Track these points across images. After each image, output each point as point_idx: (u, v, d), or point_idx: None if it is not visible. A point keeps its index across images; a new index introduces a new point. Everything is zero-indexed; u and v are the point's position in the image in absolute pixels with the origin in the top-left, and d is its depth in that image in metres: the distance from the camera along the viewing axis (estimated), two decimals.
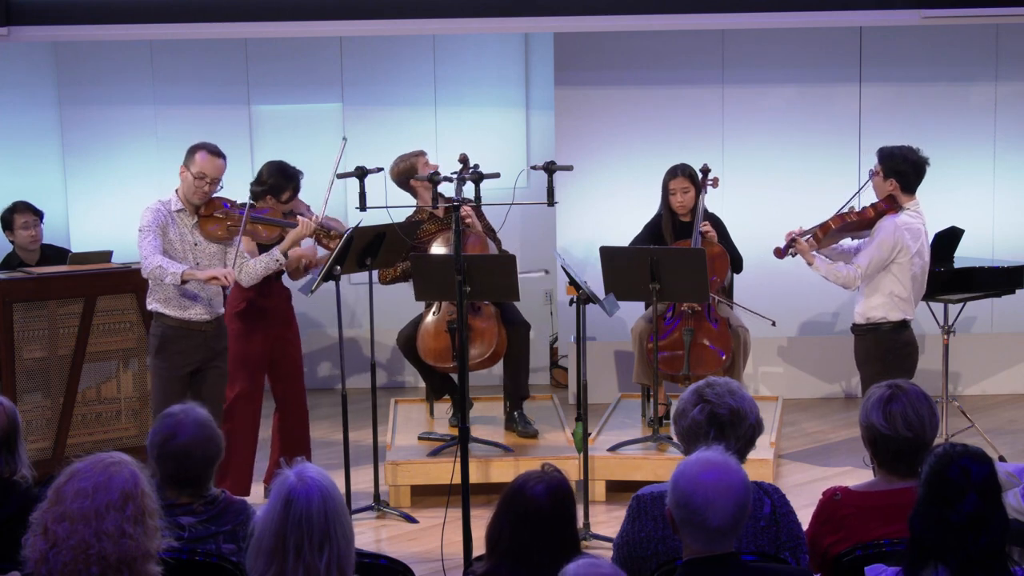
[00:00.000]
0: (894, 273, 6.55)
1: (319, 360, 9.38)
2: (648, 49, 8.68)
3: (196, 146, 6.12)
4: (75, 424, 6.92)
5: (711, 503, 3.20)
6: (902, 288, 6.57)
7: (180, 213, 6.09)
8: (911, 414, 3.75)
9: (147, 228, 5.99)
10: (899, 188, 6.56)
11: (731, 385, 3.83)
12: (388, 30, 8.30)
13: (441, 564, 5.67)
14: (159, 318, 6.12)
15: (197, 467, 3.77)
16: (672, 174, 7.38)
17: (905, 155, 6.57)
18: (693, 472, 3.26)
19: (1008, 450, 7.38)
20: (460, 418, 5.54)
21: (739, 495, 3.24)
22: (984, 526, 3.10)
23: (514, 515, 3.45)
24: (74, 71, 9.13)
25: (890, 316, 6.58)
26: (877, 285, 6.57)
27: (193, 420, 3.81)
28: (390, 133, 9.13)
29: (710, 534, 3.22)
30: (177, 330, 6.09)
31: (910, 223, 6.55)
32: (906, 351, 6.60)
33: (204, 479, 3.80)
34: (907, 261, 6.54)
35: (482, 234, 7.10)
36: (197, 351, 6.13)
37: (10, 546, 3.27)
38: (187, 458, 3.75)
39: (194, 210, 6.12)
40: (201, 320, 6.12)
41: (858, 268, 6.56)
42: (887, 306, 6.57)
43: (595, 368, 8.58)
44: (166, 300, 6.08)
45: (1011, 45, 8.70)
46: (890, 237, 6.51)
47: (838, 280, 6.64)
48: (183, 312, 6.08)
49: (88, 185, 9.14)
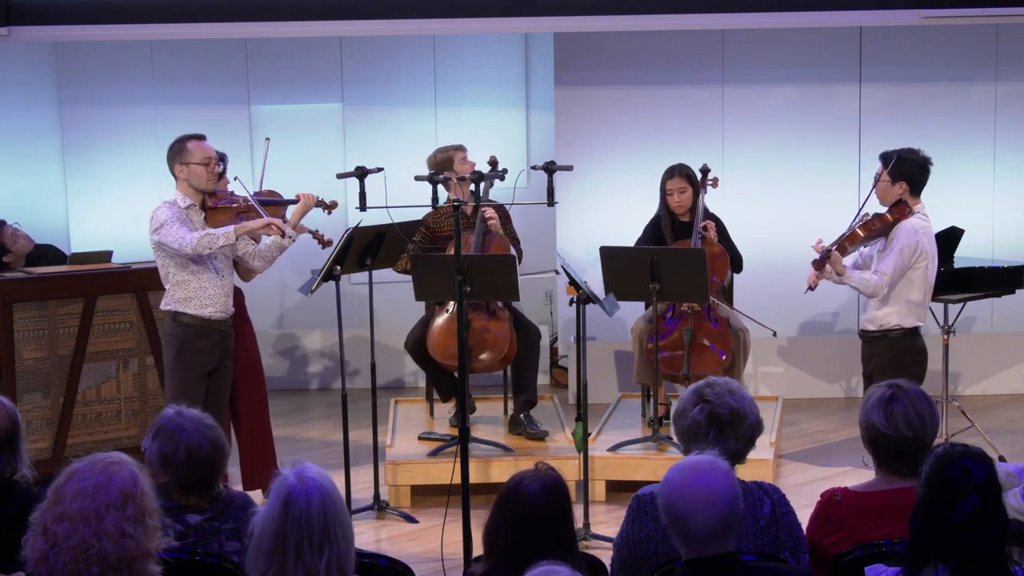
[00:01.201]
0: (911, 279, 6.47)
1: (319, 360, 9.39)
2: (648, 49, 8.68)
3: (181, 140, 6.10)
4: (75, 424, 6.93)
5: (694, 512, 3.20)
6: (919, 294, 6.49)
7: (189, 210, 6.08)
8: (912, 414, 3.75)
9: (168, 221, 5.96)
10: (908, 191, 6.52)
11: (731, 385, 3.82)
12: (388, 30, 8.30)
13: (441, 564, 5.67)
14: (177, 318, 6.08)
15: (206, 470, 3.76)
16: (669, 174, 7.38)
17: (912, 158, 6.51)
18: (679, 480, 3.26)
19: (1008, 450, 7.38)
20: (460, 418, 5.55)
21: (723, 506, 3.22)
22: (984, 526, 3.10)
23: (510, 514, 3.44)
24: (74, 71, 9.13)
25: (904, 323, 6.49)
26: (895, 292, 6.51)
27: (195, 426, 3.79)
28: (390, 133, 9.14)
29: (693, 541, 3.23)
30: (197, 329, 6.07)
31: (925, 227, 6.49)
32: (917, 358, 6.50)
33: (213, 480, 3.80)
34: (924, 266, 6.48)
35: (504, 237, 7.11)
36: (215, 349, 6.13)
37: (10, 546, 3.27)
38: (196, 462, 3.75)
39: (201, 205, 6.11)
40: (219, 318, 6.11)
41: (884, 276, 6.44)
42: (902, 313, 6.49)
43: (595, 368, 8.58)
44: (186, 299, 6.06)
45: (1011, 45, 8.70)
46: (911, 242, 6.42)
47: (867, 290, 6.50)
48: (202, 310, 6.06)
49: (88, 185, 9.14)
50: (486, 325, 6.95)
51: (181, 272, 6.04)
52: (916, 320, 6.53)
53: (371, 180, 6.21)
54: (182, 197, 6.08)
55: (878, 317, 6.53)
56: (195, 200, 6.10)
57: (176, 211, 6.02)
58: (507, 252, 6.95)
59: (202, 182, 6.08)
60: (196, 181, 6.08)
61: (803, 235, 7.60)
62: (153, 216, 6.02)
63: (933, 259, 6.54)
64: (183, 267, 6.03)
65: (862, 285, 6.51)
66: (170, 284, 6.09)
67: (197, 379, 6.07)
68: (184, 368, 6.08)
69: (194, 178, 6.07)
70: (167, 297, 6.12)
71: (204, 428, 3.80)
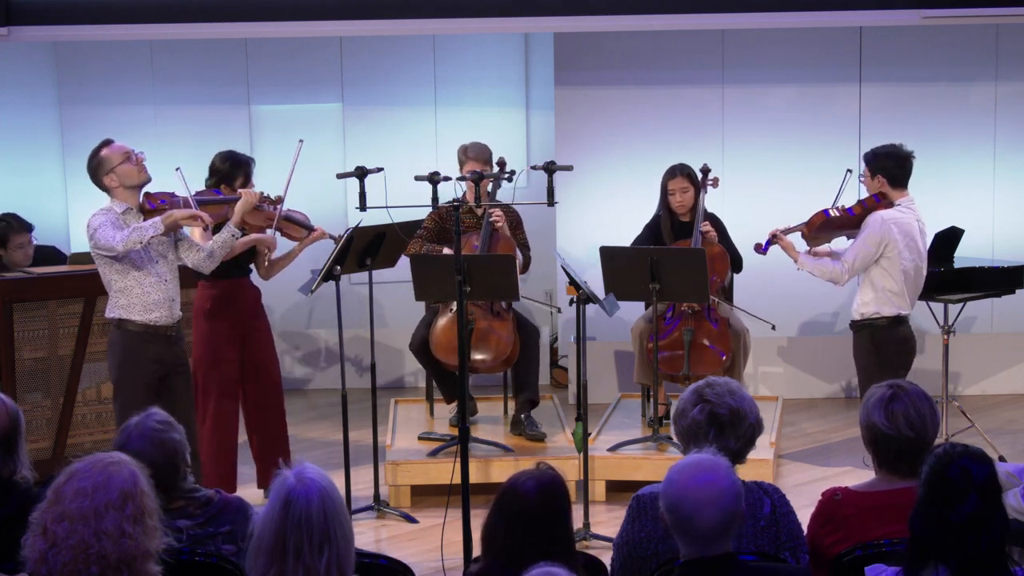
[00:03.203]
0: (883, 267, 6.60)
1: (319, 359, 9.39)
2: (648, 49, 8.68)
3: (93, 155, 5.97)
4: (75, 424, 6.93)
5: (698, 510, 3.20)
6: (893, 283, 6.59)
7: (126, 214, 5.93)
8: (913, 413, 3.75)
9: (101, 226, 5.82)
10: (887, 183, 6.63)
11: (731, 385, 3.83)
12: (388, 30, 8.30)
13: (441, 564, 5.67)
14: (122, 325, 5.94)
15: (154, 477, 3.63)
16: (671, 174, 7.38)
17: (886, 151, 6.69)
18: (682, 477, 3.26)
19: (1008, 450, 7.38)
20: (460, 418, 5.55)
21: (727, 502, 3.23)
22: (984, 527, 3.10)
23: (506, 512, 3.44)
24: (74, 71, 9.13)
25: (883, 311, 6.61)
26: (869, 280, 6.64)
27: (140, 432, 3.73)
28: (390, 133, 9.14)
29: (698, 540, 3.23)
30: (142, 336, 5.94)
31: (899, 218, 6.60)
32: (902, 347, 6.63)
33: (167, 487, 3.69)
34: (895, 255, 6.57)
35: (511, 239, 7.12)
36: (164, 354, 6.00)
37: (10, 546, 3.27)
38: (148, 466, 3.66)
39: (139, 208, 5.98)
40: (165, 323, 5.99)
41: (844, 263, 6.63)
42: (879, 301, 6.62)
43: (595, 368, 8.58)
44: (129, 306, 5.92)
45: (1011, 45, 8.70)
46: (876, 232, 6.56)
47: (824, 275, 6.72)
48: (147, 315, 5.93)
49: (88, 185, 9.02)
50: (489, 326, 6.95)
51: (123, 279, 5.91)
52: (897, 308, 6.61)
53: (371, 180, 6.21)
54: (118, 203, 5.93)
55: (859, 306, 6.70)
56: (131, 203, 5.95)
57: (111, 216, 5.87)
58: (512, 252, 6.96)
59: (134, 178, 5.93)
60: (128, 180, 5.93)
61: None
62: (88, 224, 5.90)
63: (910, 248, 6.61)
64: (124, 274, 5.90)
65: (817, 270, 6.74)
66: (113, 291, 5.95)
67: (144, 387, 5.88)
68: (129, 377, 5.93)
69: (125, 178, 5.93)
70: (111, 304, 5.98)
71: (150, 432, 3.73)
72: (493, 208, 7.02)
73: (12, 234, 7.69)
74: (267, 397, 6.73)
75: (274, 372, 6.80)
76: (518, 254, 7.07)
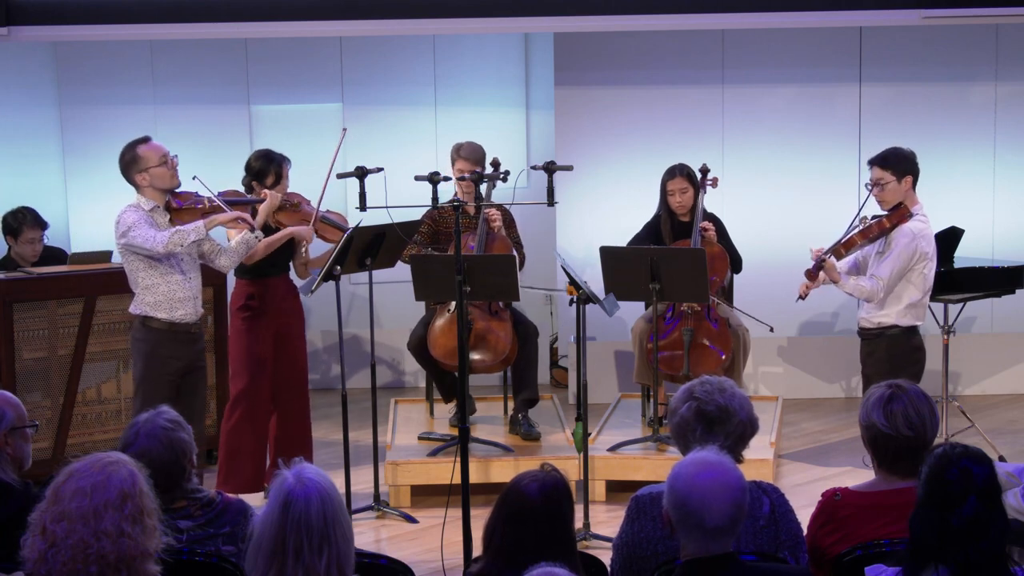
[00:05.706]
0: (911, 281, 6.55)
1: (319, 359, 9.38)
2: (648, 49, 8.68)
3: (130, 148, 6.04)
4: (75, 424, 6.93)
5: (708, 504, 3.20)
6: (917, 294, 6.55)
7: (154, 212, 6.04)
8: (912, 413, 3.75)
9: (136, 223, 5.94)
10: (913, 183, 6.58)
11: (723, 383, 3.82)
12: (388, 30, 8.30)
13: (441, 564, 5.67)
14: (147, 322, 6.06)
15: (159, 476, 3.58)
16: (670, 174, 7.38)
17: (904, 152, 6.63)
18: (689, 473, 3.26)
19: (1008, 450, 7.38)
20: (460, 418, 5.55)
21: (736, 495, 3.24)
22: (984, 529, 3.10)
23: (508, 512, 3.44)
24: (74, 71, 9.12)
25: (901, 323, 6.56)
26: (896, 294, 6.56)
27: (149, 430, 3.75)
28: (390, 133, 9.14)
29: (707, 535, 3.22)
30: (166, 332, 6.06)
31: (924, 230, 6.57)
32: (915, 356, 6.58)
33: (171, 486, 3.72)
34: (923, 267, 6.55)
35: (507, 239, 7.12)
36: (186, 352, 6.11)
37: (10, 546, 3.27)
38: (152, 466, 3.66)
39: (166, 207, 6.08)
40: (189, 321, 6.10)
41: (880, 281, 6.52)
42: (900, 313, 6.55)
43: (595, 368, 8.58)
44: (155, 304, 6.03)
45: (1011, 45, 8.70)
46: (910, 247, 6.51)
47: (863, 295, 6.60)
48: (171, 314, 6.05)
49: (88, 185, 9.13)
50: (488, 326, 6.96)
51: (151, 276, 6.02)
52: (914, 320, 6.59)
53: (371, 180, 6.22)
54: (145, 201, 6.04)
55: (876, 316, 6.60)
56: (159, 202, 6.06)
57: (142, 214, 5.99)
58: (509, 252, 6.96)
59: (166, 182, 6.05)
60: (161, 183, 6.03)
61: (803, 235, 7.63)
62: (119, 220, 5.99)
63: (932, 260, 6.60)
64: (152, 270, 6.01)
65: (857, 291, 6.61)
66: (139, 288, 6.05)
67: (167, 383, 6.02)
68: (153, 373, 6.05)
69: (158, 181, 6.03)
70: (136, 301, 6.08)
71: (159, 431, 3.74)
72: (489, 208, 7.02)
73: (26, 227, 7.71)
74: (294, 399, 6.74)
75: (302, 374, 6.80)
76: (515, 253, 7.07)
